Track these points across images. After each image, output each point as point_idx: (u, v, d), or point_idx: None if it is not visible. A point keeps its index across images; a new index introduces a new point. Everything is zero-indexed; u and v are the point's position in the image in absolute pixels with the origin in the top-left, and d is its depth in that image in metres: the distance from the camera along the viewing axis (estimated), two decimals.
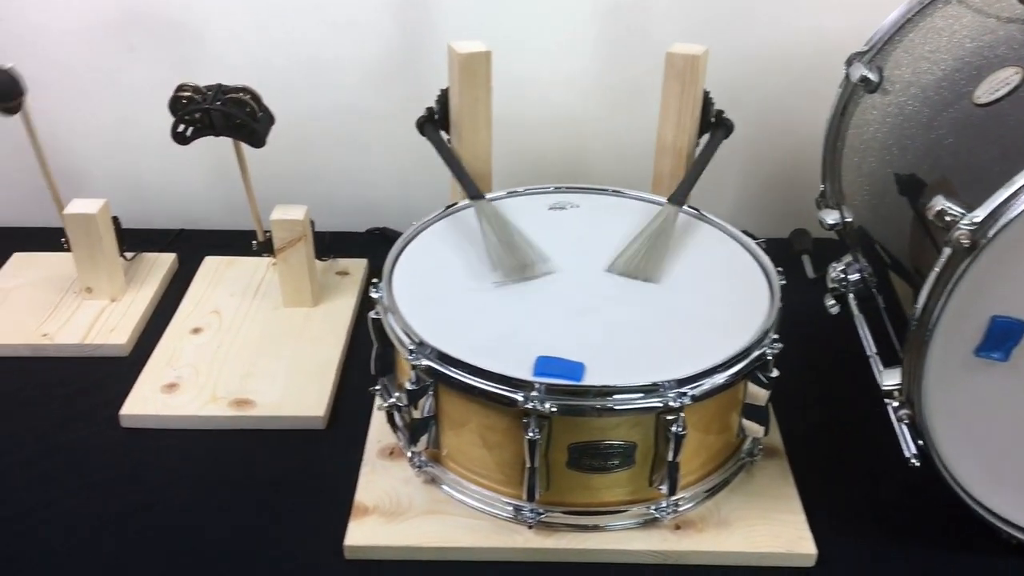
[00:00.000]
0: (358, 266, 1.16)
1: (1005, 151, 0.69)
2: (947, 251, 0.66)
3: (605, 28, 1.15)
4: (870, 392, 0.83)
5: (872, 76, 0.91)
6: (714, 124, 1.02)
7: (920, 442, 0.74)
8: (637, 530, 0.78)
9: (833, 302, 0.98)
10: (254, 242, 1.07)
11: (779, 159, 1.24)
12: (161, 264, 1.15)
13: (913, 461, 0.74)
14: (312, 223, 1.06)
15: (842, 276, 0.97)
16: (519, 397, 0.72)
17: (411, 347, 0.77)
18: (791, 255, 1.19)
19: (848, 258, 0.98)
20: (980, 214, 0.64)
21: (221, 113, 0.92)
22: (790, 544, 0.78)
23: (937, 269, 0.67)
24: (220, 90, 0.93)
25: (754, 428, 0.81)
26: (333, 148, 1.25)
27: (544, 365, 0.74)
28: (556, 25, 1.15)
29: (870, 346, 0.87)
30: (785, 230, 1.24)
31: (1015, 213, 0.63)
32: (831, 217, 0.99)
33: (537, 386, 0.72)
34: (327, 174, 1.27)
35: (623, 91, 1.19)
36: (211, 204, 1.28)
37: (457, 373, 0.75)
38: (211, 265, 1.15)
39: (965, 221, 0.65)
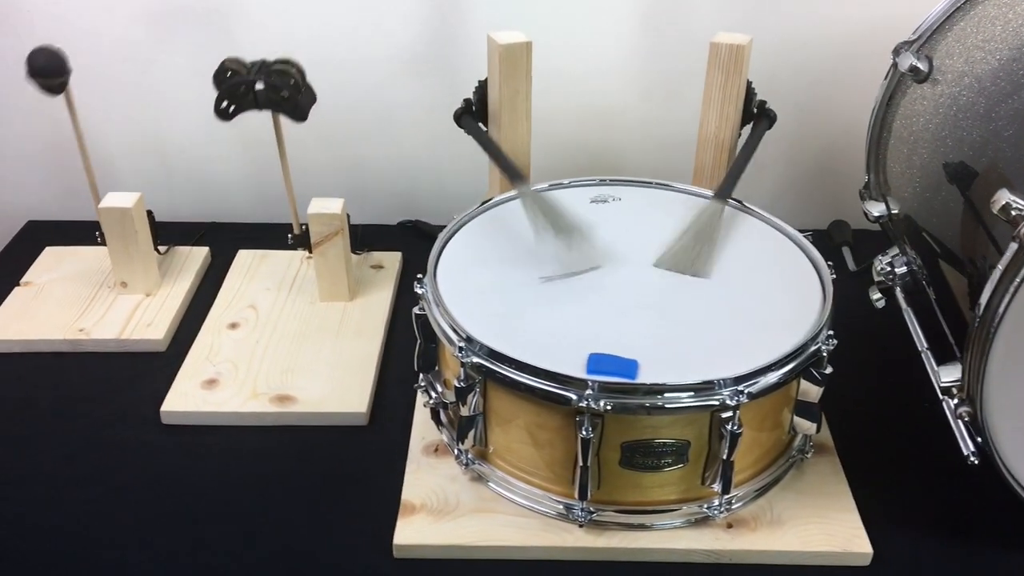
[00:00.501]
0: (392, 259, 1.15)
1: None
2: (1013, 246, 0.65)
3: (642, 16, 1.14)
4: (918, 387, 0.82)
5: (922, 66, 0.89)
6: (756, 115, 1.00)
7: (978, 439, 0.73)
8: (689, 529, 0.77)
9: (879, 295, 0.97)
10: (290, 236, 1.06)
11: (817, 149, 1.23)
12: (194, 258, 1.14)
13: (972, 459, 0.73)
14: (348, 216, 1.04)
15: (888, 269, 0.95)
16: (573, 395, 0.71)
17: (460, 344, 0.76)
18: (831, 247, 1.18)
19: (894, 251, 0.96)
20: None
21: (267, 85, 0.90)
22: (845, 543, 0.76)
23: (1002, 265, 0.66)
24: (264, 64, 0.92)
25: (805, 425, 0.80)
26: (365, 140, 1.24)
27: (597, 362, 0.73)
28: (592, 14, 1.14)
29: (920, 341, 0.86)
30: (823, 221, 1.23)
31: None
32: (876, 209, 0.97)
33: (591, 384, 0.71)
34: (358, 166, 1.26)
35: (661, 81, 1.18)
36: (242, 196, 1.27)
37: (507, 370, 0.74)
38: (245, 259, 1.14)
39: None
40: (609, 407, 0.70)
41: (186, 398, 0.91)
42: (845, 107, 1.18)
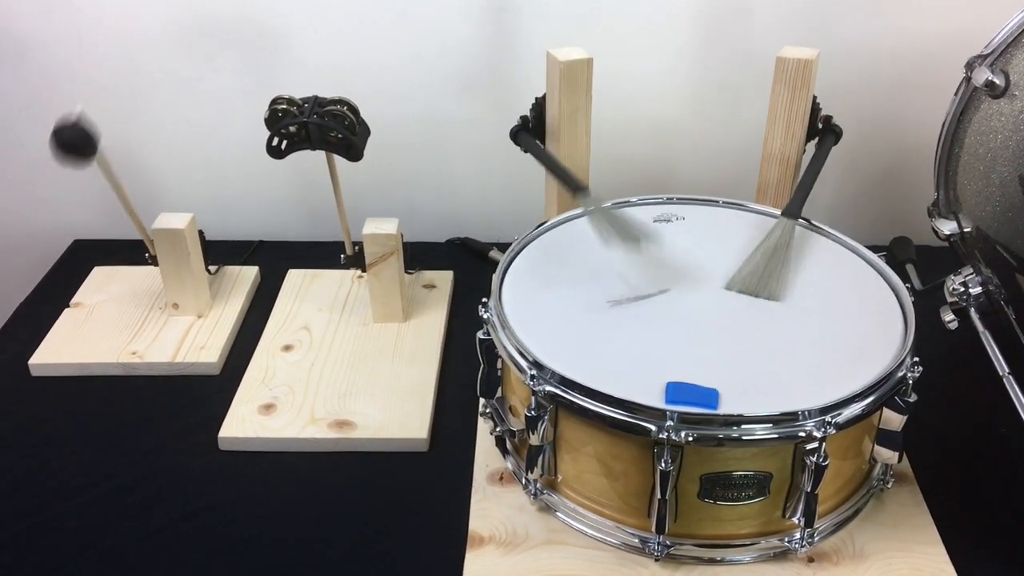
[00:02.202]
0: (444, 279, 1.13)
1: None
2: None
3: (702, 29, 1.11)
4: (997, 411, 0.79)
5: (998, 80, 0.86)
6: (822, 130, 0.98)
7: None
8: (769, 563, 0.75)
9: (951, 317, 0.93)
10: (342, 256, 1.05)
11: (878, 165, 1.20)
12: (244, 278, 1.13)
13: None
14: (401, 236, 1.03)
15: (962, 289, 0.92)
16: (652, 426, 0.69)
17: (531, 372, 0.74)
18: (894, 265, 1.15)
19: (968, 270, 0.93)
20: None
21: (318, 127, 0.89)
22: None
23: None
24: (317, 103, 0.90)
25: (886, 454, 0.77)
26: (413, 156, 1.22)
27: (675, 392, 0.71)
28: (649, 27, 1.11)
29: (1001, 365, 0.83)
30: (883, 237, 1.19)
31: None
32: (947, 227, 0.94)
33: (670, 415, 0.68)
34: (407, 183, 1.24)
35: (721, 95, 1.15)
36: (291, 215, 1.26)
37: (582, 399, 0.71)
38: (295, 279, 1.12)
39: None
40: (690, 439, 0.68)
41: (244, 423, 0.90)
42: (908, 122, 1.15)
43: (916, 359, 0.74)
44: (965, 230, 0.92)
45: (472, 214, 1.26)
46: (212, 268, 1.11)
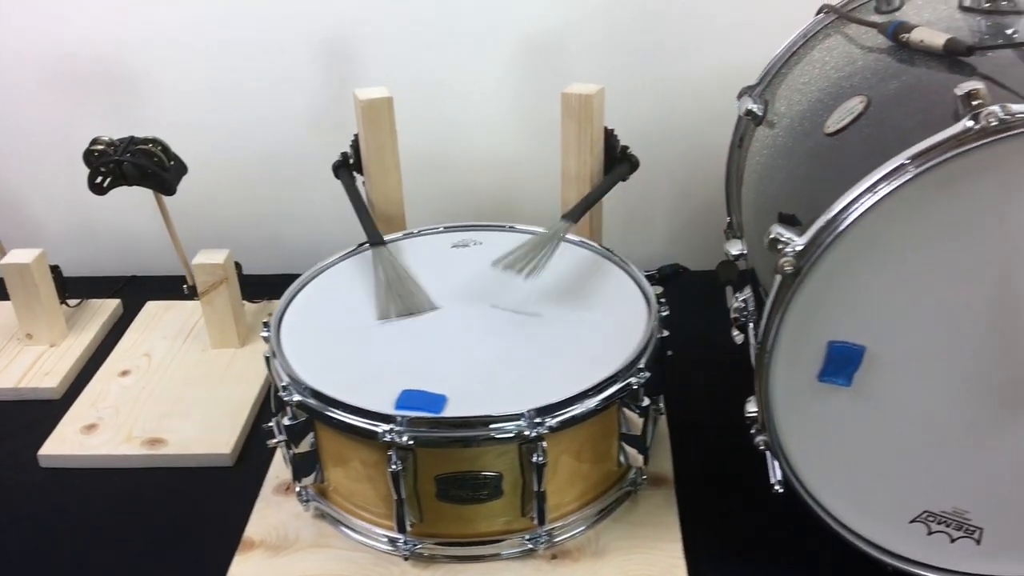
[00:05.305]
0: None
1: (839, 178, 0.70)
2: (777, 278, 0.67)
3: (524, 68, 1.19)
4: None
5: (757, 109, 0.93)
6: (619, 159, 1.04)
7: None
8: (513, 561, 0.80)
9: (737, 332, 0.99)
10: (184, 286, 1.11)
11: (706, 192, 1.26)
12: (104, 310, 1.19)
13: (777, 488, 0.75)
14: (239, 265, 1.09)
15: (743, 306, 0.97)
16: (379, 430, 0.74)
17: (283, 384, 0.80)
18: (719, 287, 1.20)
19: (748, 290, 0.98)
20: (802, 241, 0.65)
21: (131, 164, 0.96)
22: (663, 572, 0.78)
23: (771, 296, 0.68)
24: (131, 142, 0.97)
25: (632, 456, 0.82)
26: (274, 192, 1.29)
27: (407, 398, 0.76)
28: (474, 68, 1.19)
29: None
30: (714, 263, 1.25)
31: (831, 238, 0.64)
32: (735, 248, 1.00)
33: (399, 419, 0.74)
34: (272, 216, 1.31)
35: (540, 129, 1.22)
36: (160, 250, 1.32)
37: (327, 409, 0.77)
38: (151, 310, 1.19)
39: (789, 248, 0.66)
40: (411, 441, 0.73)
41: (64, 442, 0.96)
42: (724, 151, 1.21)
43: (641, 367, 0.80)
44: (744, 252, 0.98)
45: (334, 245, 1.32)
46: (72, 301, 1.18)
